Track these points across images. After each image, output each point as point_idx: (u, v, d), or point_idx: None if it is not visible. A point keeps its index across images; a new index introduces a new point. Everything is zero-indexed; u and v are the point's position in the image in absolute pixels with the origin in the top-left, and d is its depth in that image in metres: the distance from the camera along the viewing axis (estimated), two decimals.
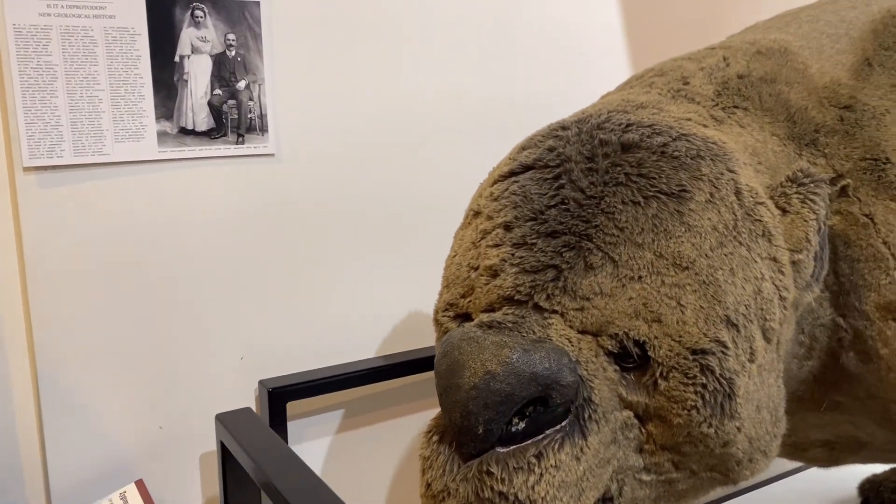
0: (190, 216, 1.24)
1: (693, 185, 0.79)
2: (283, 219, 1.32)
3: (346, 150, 1.36)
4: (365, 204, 1.38)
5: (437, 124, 1.44)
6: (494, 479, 0.69)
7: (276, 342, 1.33)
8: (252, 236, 1.29)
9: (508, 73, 1.51)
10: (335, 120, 1.34)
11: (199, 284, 1.26)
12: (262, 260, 1.31)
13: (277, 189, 1.31)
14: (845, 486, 1.91)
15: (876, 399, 0.95)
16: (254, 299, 1.31)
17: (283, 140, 1.30)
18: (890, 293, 0.89)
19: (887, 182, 0.90)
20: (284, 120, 1.30)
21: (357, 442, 1.44)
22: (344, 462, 1.42)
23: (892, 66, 0.98)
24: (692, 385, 0.74)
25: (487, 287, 0.82)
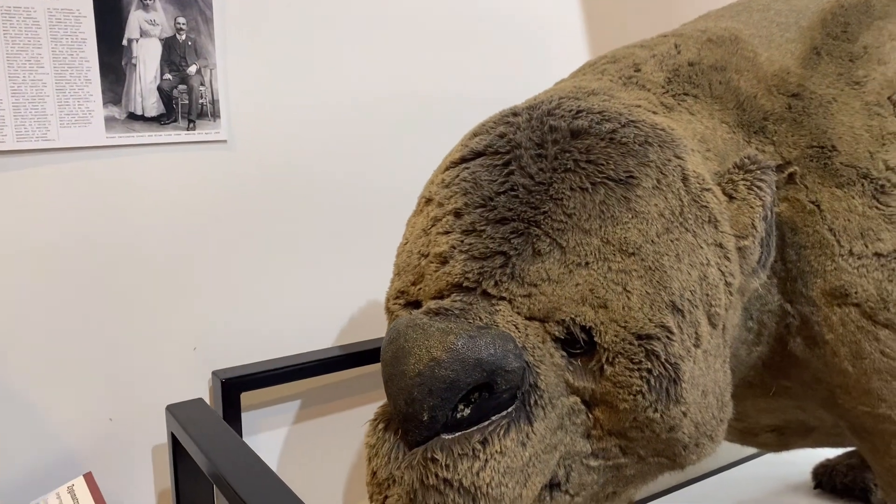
0: (139, 204, 1.21)
1: (640, 171, 0.79)
2: (235, 207, 1.29)
3: (300, 137, 1.34)
4: (320, 192, 1.37)
5: (394, 112, 1.43)
6: (439, 466, 0.69)
7: (229, 332, 1.31)
8: (204, 224, 1.27)
9: (466, 63, 1.51)
10: (289, 106, 1.33)
11: (149, 273, 1.23)
12: (215, 249, 1.29)
13: (230, 176, 1.28)
14: (800, 471, 1.95)
15: (822, 384, 0.96)
16: (207, 289, 1.29)
17: (236, 126, 1.28)
18: (835, 279, 0.90)
19: (833, 169, 0.91)
20: (237, 106, 1.28)
21: (314, 432, 1.42)
22: (300, 453, 1.41)
23: (840, 55, 0.99)
24: (638, 370, 0.74)
25: (437, 274, 0.81)
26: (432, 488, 0.69)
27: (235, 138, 1.28)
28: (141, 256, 1.22)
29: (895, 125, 0.94)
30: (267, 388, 1.33)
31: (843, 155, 0.92)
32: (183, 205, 1.25)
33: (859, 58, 0.99)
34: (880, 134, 0.93)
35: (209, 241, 1.28)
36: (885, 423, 0.92)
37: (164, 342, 1.26)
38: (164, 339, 1.26)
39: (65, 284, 1.16)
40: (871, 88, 0.96)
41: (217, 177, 1.27)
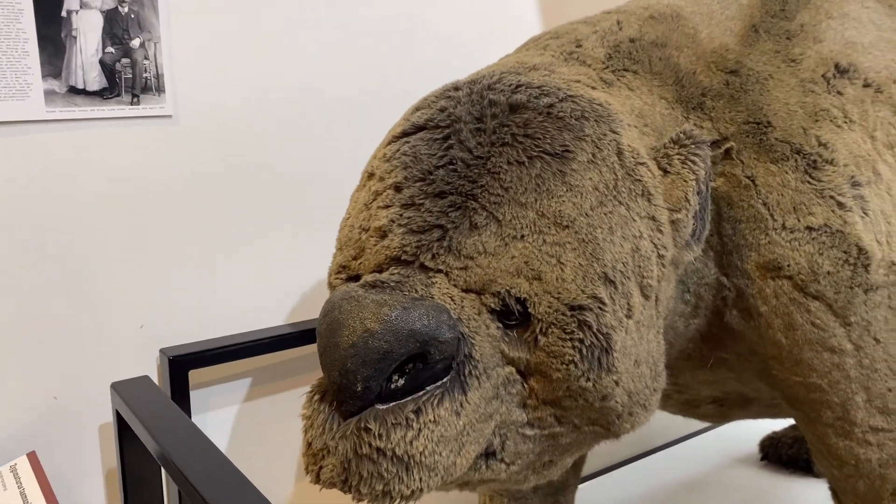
0: (83, 179, 1.19)
1: (576, 145, 0.80)
2: (182, 182, 1.28)
3: (247, 111, 1.32)
4: (268, 168, 1.36)
5: (343, 87, 1.42)
6: (372, 436, 0.69)
7: (178, 310, 1.30)
8: (150, 200, 1.25)
9: (417, 38, 1.50)
10: (236, 81, 1.31)
11: (94, 250, 1.21)
12: (162, 225, 1.27)
13: (176, 152, 1.27)
14: (747, 444, 2.01)
15: (757, 355, 0.99)
16: (154, 266, 1.27)
17: (181, 101, 1.26)
18: (769, 252, 0.92)
19: (768, 145, 0.93)
20: (182, 80, 1.26)
21: (264, 410, 1.42)
22: (251, 431, 1.41)
23: (777, 33, 1.01)
24: (570, 340, 0.75)
25: (376, 248, 0.81)
26: (366, 457, 0.70)
27: (181, 113, 1.27)
28: (85, 233, 1.20)
29: (828, 102, 0.96)
30: (216, 366, 1.33)
31: (778, 131, 0.94)
32: (128, 180, 1.23)
33: (796, 35, 1.01)
34: (814, 110, 0.95)
35: (156, 217, 1.26)
36: (815, 392, 0.95)
37: (110, 319, 1.24)
38: (110, 317, 1.24)
39: (7, 261, 1.14)
40: (806, 66, 0.98)
41: (163, 152, 1.26)
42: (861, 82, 0.99)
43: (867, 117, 0.97)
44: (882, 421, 0.94)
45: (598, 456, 1.91)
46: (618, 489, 1.83)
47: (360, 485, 0.70)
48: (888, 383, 0.93)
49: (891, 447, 0.95)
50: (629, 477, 1.89)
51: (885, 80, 1.00)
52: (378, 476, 0.70)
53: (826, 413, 0.96)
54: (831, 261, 0.90)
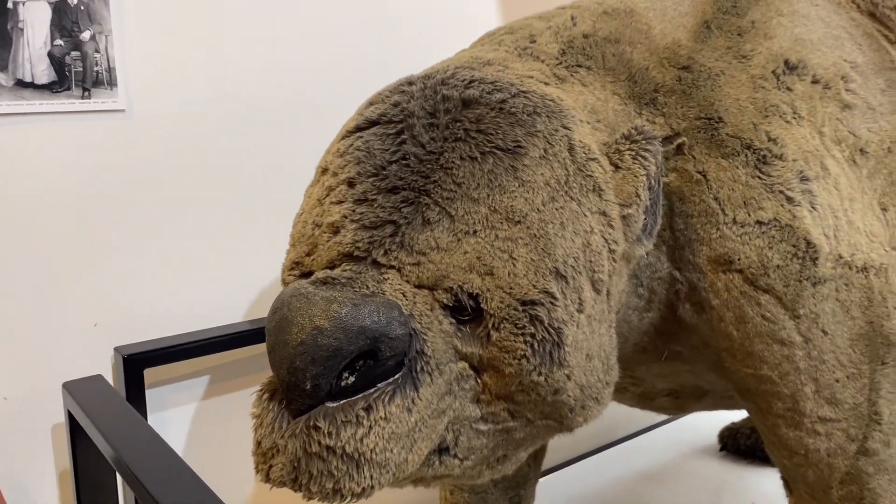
0: (32, 175, 1.17)
1: (528, 141, 0.80)
2: (136, 178, 1.26)
3: (202, 106, 1.31)
4: (224, 163, 1.34)
5: (300, 81, 1.41)
6: (322, 434, 0.69)
7: (132, 308, 1.28)
8: (103, 196, 1.23)
9: (375, 31, 1.49)
10: (192, 74, 1.29)
11: (45, 247, 1.19)
12: (116, 221, 1.25)
13: (129, 147, 1.25)
14: (706, 435, 2.04)
15: (710, 348, 1.00)
16: (107, 263, 1.25)
17: (134, 95, 1.24)
18: (720, 247, 0.93)
19: (719, 140, 0.94)
20: (135, 74, 1.24)
21: (223, 409, 1.41)
22: (210, 429, 1.39)
23: (729, 29, 1.02)
24: (522, 335, 0.76)
25: (328, 244, 0.81)
26: (315, 456, 0.69)
27: (134, 107, 1.25)
28: (36, 229, 1.18)
29: (778, 98, 0.97)
30: (173, 364, 1.31)
31: (729, 126, 0.95)
32: (79, 176, 1.21)
33: (747, 32, 1.02)
34: (764, 106, 0.96)
35: (109, 214, 1.24)
36: (766, 383, 0.96)
37: (62, 318, 1.22)
38: (62, 315, 1.22)
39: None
40: (756, 62, 0.99)
41: (115, 147, 1.24)
42: (810, 79, 1.00)
43: (815, 113, 0.99)
44: (830, 411, 0.96)
45: (561, 448, 1.93)
46: (580, 481, 1.85)
47: (309, 483, 0.70)
48: (835, 374, 0.95)
49: (838, 437, 0.97)
50: (591, 469, 1.90)
51: (832, 77, 1.02)
52: (328, 474, 0.69)
53: (776, 404, 0.97)
54: (780, 254, 0.92)
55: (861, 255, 0.95)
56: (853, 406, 0.96)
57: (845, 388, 0.95)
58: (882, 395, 0.96)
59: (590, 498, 1.78)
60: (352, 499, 0.71)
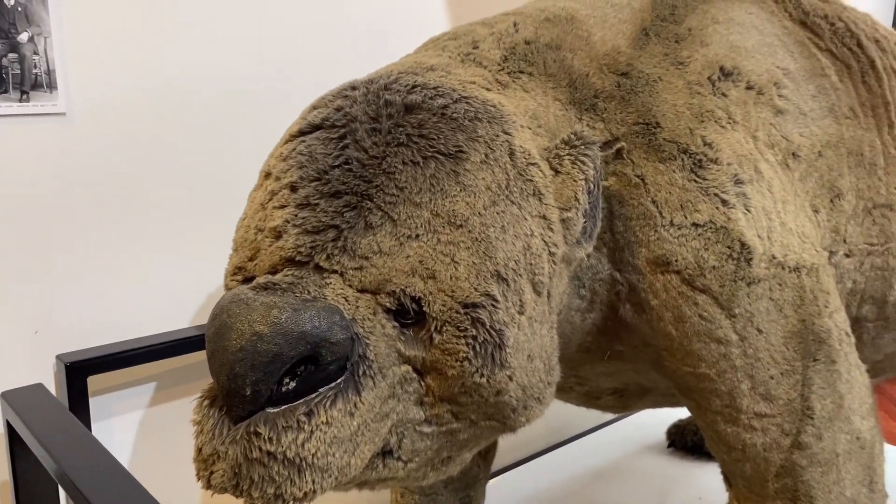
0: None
1: (469, 146, 0.82)
2: (77, 182, 1.24)
3: (147, 109, 1.29)
4: (168, 167, 1.32)
5: (247, 83, 1.40)
6: (262, 440, 0.69)
7: (75, 314, 1.26)
8: (43, 201, 1.21)
9: (319, 35, 1.49)
10: (133, 77, 1.27)
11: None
12: (57, 226, 1.22)
13: (69, 150, 1.22)
14: (655, 432, 2.08)
15: (650, 347, 1.02)
16: (48, 269, 1.22)
17: (76, 98, 1.22)
18: (658, 248, 0.96)
19: (657, 145, 0.97)
20: (76, 76, 1.21)
21: (171, 415, 1.39)
22: (157, 436, 1.38)
23: (667, 36, 1.05)
24: (464, 337, 0.77)
25: (270, 249, 0.81)
26: (256, 461, 0.69)
27: (75, 111, 1.22)
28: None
29: (713, 103, 1.00)
30: (117, 372, 1.29)
31: (666, 131, 0.97)
32: (18, 180, 1.18)
33: (684, 39, 1.05)
34: (699, 111, 0.99)
35: (50, 219, 1.22)
36: (704, 381, 0.99)
37: (1, 326, 1.19)
38: (1, 323, 1.19)
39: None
40: (693, 68, 1.02)
41: (56, 151, 1.21)
42: (744, 85, 1.04)
43: (749, 118, 1.02)
44: (765, 407, 0.99)
45: (514, 448, 1.95)
46: (531, 481, 1.87)
47: (251, 489, 0.70)
48: (770, 371, 0.98)
49: (773, 432, 1.00)
50: (542, 468, 1.93)
51: (766, 83, 1.05)
52: (269, 479, 0.69)
53: (715, 401, 1.00)
54: (716, 255, 0.94)
55: (793, 256, 0.99)
56: (787, 402, 0.99)
57: (779, 384, 0.98)
58: (814, 391, 1.00)
59: (541, 497, 1.81)
60: (294, 503, 0.71)
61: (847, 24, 1.20)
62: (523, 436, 1.92)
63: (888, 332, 1.23)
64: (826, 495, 1.02)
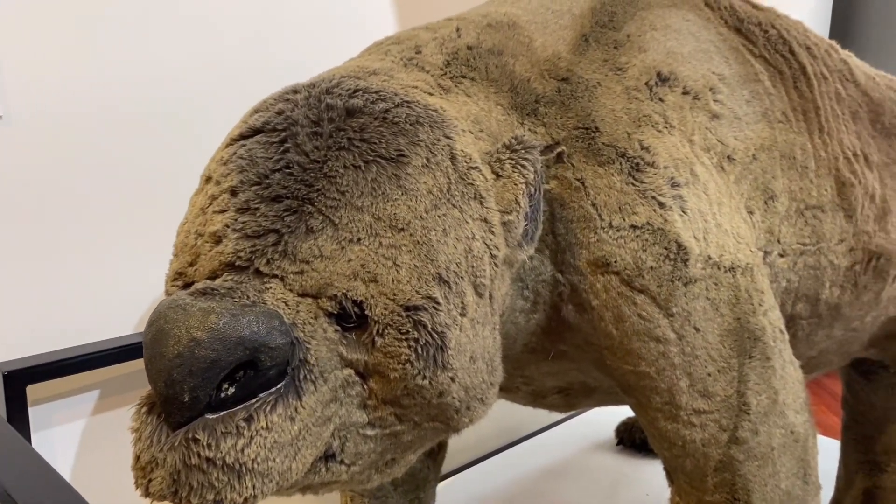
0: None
1: (411, 150, 0.82)
2: (15, 186, 1.21)
3: (86, 112, 1.27)
4: (110, 171, 1.30)
5: (191, 85, 1.39)
6: (201, 446, 0.69)
7: (13, 321, 1.23)
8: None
9: (265, 35, 1.48)
10: (75, 78, 1.25)
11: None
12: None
13: (8, 154, 1.20)
14: (605, 430, 2.12)
15: (592, 346, 1.04)
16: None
17: (13, 100, 1.19)
18: (598, 250, 0.98)
19: (596, 149, 0.99)
20: (13, 77, 1.19)
21: (116, 424, 1.37)
22: (101, 445, 1.35)
23: (606, 42, 1.07)
24: (406, 340, 0.77)
25: (210, 254, 0.80)
26: (195, 468, 0.69)
27: (13, 113, 1.20)
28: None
29: (650, 108, 1.03)
30: (58, 380, 1.26)
31: (605, 135, 0.99)
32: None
33: (623, 45, 1.07)
34: (637, 116, 1.01)
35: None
36: (645, 379, 1.01)
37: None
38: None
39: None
40: (631, 74, 1.05)
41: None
42: (680, 90, 1.06)
43: (686, 122, 1.05)
44: (703, 403, 1.02)
45: (466, 449, 1.96)
46: (483, 481, 1.89)
47: (190, 495, 0.69)
48: (707, 368, 1.01)
49: (712, 427, 1.03)
50: (494, 468, 1.95)
51: (702, 88, 1.08)
52: (208, 486, 0.69)
53: (655, 398, 1.02)
54: (654, 256, 0.97)
55: (729, 256, 1.02)
56: (724, 398, 1.02)
57: (716, 381, 1.01)
58: (750, 387, 1.03)
59: (493, 497, 1.82)
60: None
61: (780, 31, 1.24)
62: (475, 437, 1.94)
63: (821, 329, 1.28)
64: (762, 488, 1.05)
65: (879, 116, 1.32)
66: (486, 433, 2.01)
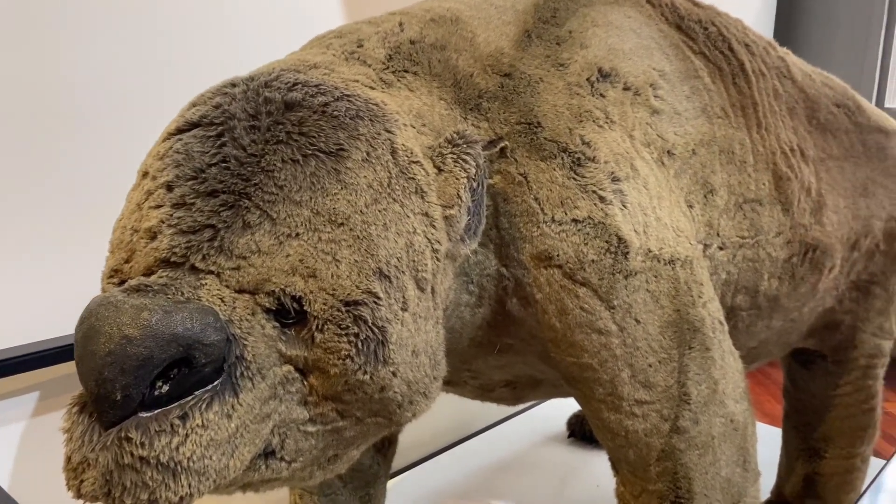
0: None
1: (350, 144, 0.82)
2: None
3: (21, 106, 1.23)
4: (48, 168, 1.27)
5: (129, 80, 1.36)
6: (134, 445, 0.67)
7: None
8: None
9: (203, 29, 1.46)
10: (9, 72, 1.21)
11: None
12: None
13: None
14: (557, 424, 2.14)
15: (537, 339, 1.05)
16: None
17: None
18: (541, 244, 0.98)
19: (538, 144, 1.00)
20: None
21: (57, 426, 1.33)
22: (41, 448, 1.32)
23: (548, 39, 1.08)
24: (346, 335, 0.77)
25: (146, 250, 0.79)
26: (128, 467, 0.68)
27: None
28: None
29: (591, 104, 1.04)
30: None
31: (547, 131, 1.00)
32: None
33: (565, 41, 1.08)
34: (579, 112, 1.02)
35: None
36: (588, 371, 1.03)
37: None
38: None
39: None
40: (573, 70, 1.06)
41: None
42: (622, 86, 1.08)
43: (626, 118, 1.07)
44: (645, 394, 1.03)
45: (420, 445, 1.97)
46: (436, 476, 1.89)
47: (123, 496, 0.68)
48: (648, 359, 1.02)
49: (653, 418, 1.05)
50: (447, 463, 1.95)
51: (642, 84, 1.10)
52: (142, 485, 0.68)
53: (598, 390, 1.04)
54: (595, 250, 0.98)
55: (668, 249, 1.03)
56: (665, 388, 1.04)
57: (657, 372, 1.03)
58: (690, 377, 1.05)
59: (446, 491, 1.83)
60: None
61: (719, 29, 1.26)
62: (430, 433, 1.94)
63: (761, 320, 1.31)
64: (703, 476, 1.07)
65: (815, 112, 1.36)
66: (441, 429, 2.02)
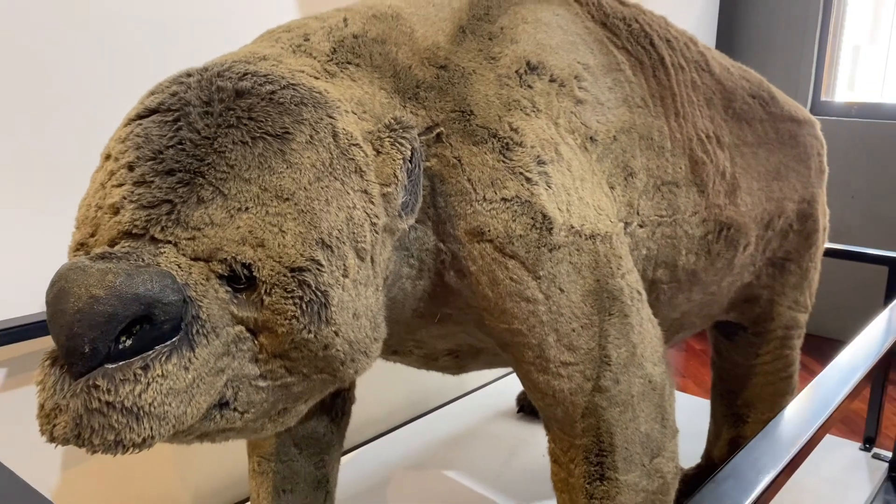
0: None
1: (295, 128, 0.91)
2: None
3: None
4: (11, 150, 1.33)
5: (92, 71, 1.42)
6: (101, 391, 0.76)
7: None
8: None
9: (166, 21, 1.53)
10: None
11: None
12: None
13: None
14: (507, 400, 2.25)
15: (473, 308, 1.15)
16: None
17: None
18: (474, 220, 1.08)
19: (471, 130, 1.10)
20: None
21: (23, 402, 1.40)
22: (10, 423, 1.38)
23: (481, 34, 1.18)
24: (291, 298, 0.86)
25: (109, 224, 0.87)
26: (96, 412, 0.76)
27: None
28: None
29: (520, 94, 1.14)
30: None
31: (479, 118, 1.10)
32: None
33: (496, 37, 1.18)
34: (508, 101, 1.12)
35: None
36: (518, 336, 1.13)
37: None
38: None
39: None
40: (503, 63, 1.16)
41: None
42: (548, 78, 1.18)
43: (552, 107, 1.17)
44: (569, 356, 1.14)
45: (377, 421, 2.06)
46: (392, 450, 1.99)
47: (92, 437, 0.76)
48: (572, 325, 1.13)
49: (578, 378, 1.15)
50: (402, 438, 2.05)
51: (567, 76, 1.21)
52: (109, 427, 0.76)
53: (527, 353, 1.14)
54: (522, 226, 1.08)
55: (589, 226, 1.14)
56: (587, 351, 1.15)
57: (580, 336, 1.14)
58: (610, 341, 1.16)
59: (402, 464, 1.93)
60: (133, 449, 0.78)
61: (642, 25, 1.38)
62: (386, 409, 2.03)
63: (681, 293, 1.43)
64: (624, 431, 1.19)
65: (731, 103, 1.48)
66: (396, 406, 2.11)
